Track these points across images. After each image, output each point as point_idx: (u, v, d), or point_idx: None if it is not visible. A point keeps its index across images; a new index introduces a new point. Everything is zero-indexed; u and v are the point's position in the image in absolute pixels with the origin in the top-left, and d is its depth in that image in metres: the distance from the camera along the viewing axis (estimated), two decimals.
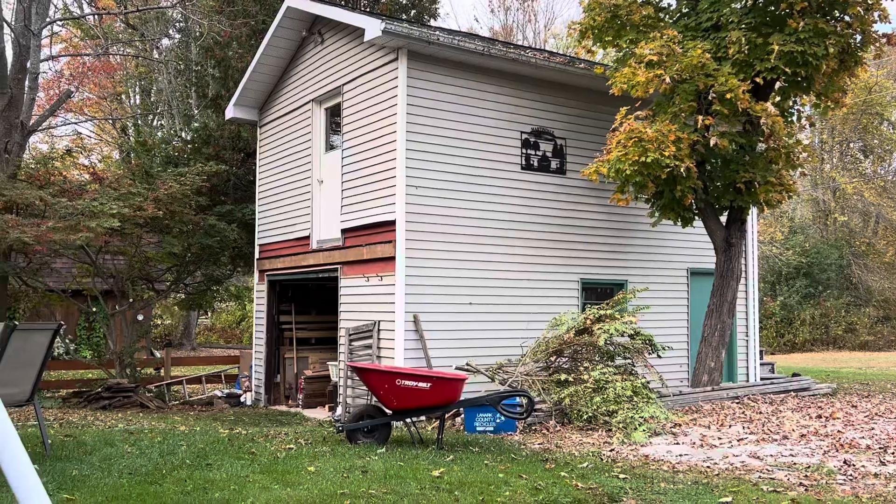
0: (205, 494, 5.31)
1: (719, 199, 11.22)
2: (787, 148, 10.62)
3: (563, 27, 35.71)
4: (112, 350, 14.57)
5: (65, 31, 28.71)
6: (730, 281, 11.44)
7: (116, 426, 9.38)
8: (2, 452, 1.33)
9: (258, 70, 13.50)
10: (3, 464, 1.32)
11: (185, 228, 14.47)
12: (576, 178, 11.78)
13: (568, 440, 8.32)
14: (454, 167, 10.71)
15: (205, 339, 33.73)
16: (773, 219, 33.28)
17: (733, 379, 13.42)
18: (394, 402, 7.55)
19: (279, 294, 13.93)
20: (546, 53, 12.84)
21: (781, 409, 10.19)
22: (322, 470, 6.22)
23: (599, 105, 12.04)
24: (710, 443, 8.04)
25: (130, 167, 16.99)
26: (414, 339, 10.15)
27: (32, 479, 1.32)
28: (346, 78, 11.59)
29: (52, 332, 6.63)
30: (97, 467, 6.19)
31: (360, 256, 10.95)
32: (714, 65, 9.97)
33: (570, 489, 5.77)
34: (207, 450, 7.16)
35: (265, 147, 14.17)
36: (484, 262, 10.88)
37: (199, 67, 19.24)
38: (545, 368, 9.90)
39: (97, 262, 14.31)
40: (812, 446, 7.75)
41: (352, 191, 11.32)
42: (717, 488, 5.96)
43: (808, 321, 31.13)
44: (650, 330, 10.60)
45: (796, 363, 22.52)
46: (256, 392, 13.84)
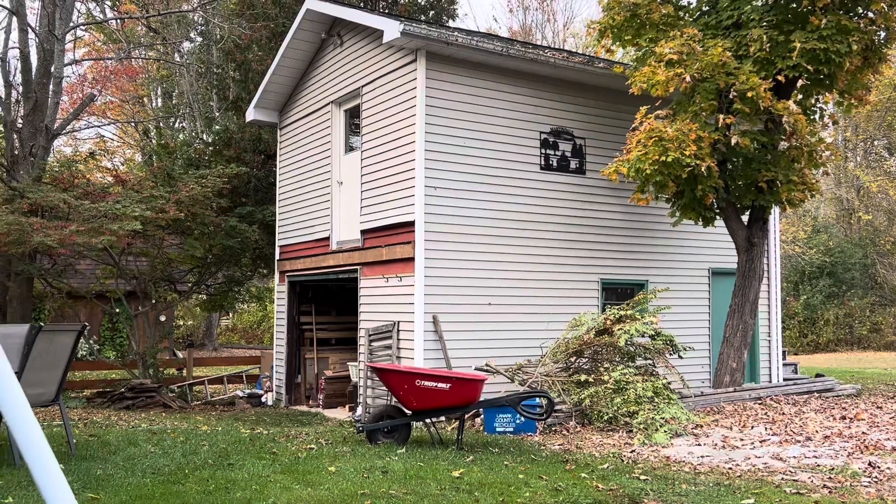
0: (227, 494, 5.36)
1: (741, 198, 11.13)
2: (810, 146, 10.51)
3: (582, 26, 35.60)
4: (135, 351, 14.73)
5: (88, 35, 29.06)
6: (752, 281, 11.34)
7: (140, 426, 9.48)
8: (29, 452, 1.36)
9: (278, 72, 13.59)
10: (30, 464, 1.34)
11: (207, 230, 14.59)
12: (595, 177, 11.74)
13: (588, 441, 8.29)
14: (473, 167, 10.71)
15: (226, 339, 33.99)
16: (796, 218, 32.94)
17: (756, 380, 13.30)
18: (413, 403, 7.56)
19: (300, 295, 14.00)
20: (565, 53, 12.81)
21: (805, 410, 10.09)
22: (342, 470, 6.24)
23: (619, 104, 11.98)
24: (732, 444, 7.98)
25: (153, 169, 17.17)
26: (433, 339, 10.16)
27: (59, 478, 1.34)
28: (365, 80, 11.63)
29: (77, 333, 6.71)
30: (121, 467, 6.26)
31: (380, 257, 10.98)
32: (735, 63, 9.89)
33: (590, 490, 5.75)
34: (229, 450, 7.22)
35: (285, 149, 14.25)
36: (503, 262, 10.86)
37: (220, 70, 19.40)
38: (565, 369, 9.88)
39: (120, 264, 14.47)
40: (836, 448, 7.66)
41: (371, 192, 11.36)
42: (739, 490, 5.92)
43: (832, 321, 30.77)
44: (671, 330, 10.53)
45: (820, 364, 22.28)
46: (277, 392, 13.92)
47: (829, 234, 33.25)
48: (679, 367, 10.49)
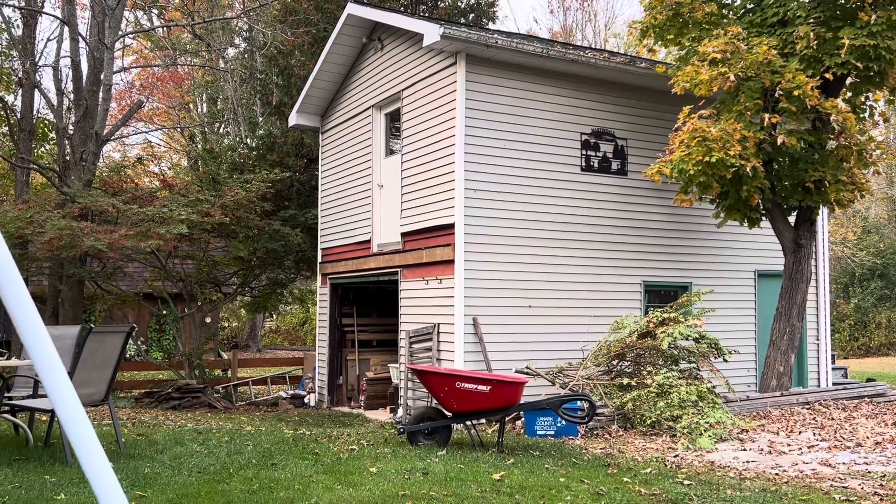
0: (270, 493, 5.44)
1: (787, 198, 10.91)
2: (860, 145, 10.25)
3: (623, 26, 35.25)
4: (181, 352, 15.01)
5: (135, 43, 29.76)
6: (799, 283, 11.10)
7: (186, 426, 9.66)
8: (81, 450, 1.40)
9: (320, 77, 13.74)
10: (82, 461, 1.39)
11: (251, 233, 14.82)
12: (637, 178, 11.62)
13: (631, 445, 8.20)
14: (513, 170, 10.69)
15: (270, 340, 34.44)
16: (846, 219, 32.14)
17: (803, 384, 13.01)
18: (454, 405, 7.58)
19: (341, 297, 14.13)
20: (606, 53, 12.71)
21: (855, 416, 9.84)
22: (384, 471, 6.29)
23: (661, 104, 11.84)
24: (778, 449, 7.82)
25: (198, 174, 17.50)
26: (473, 341, 10.16)
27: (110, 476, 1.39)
28: (405, 83, 11.69)
29: (126, 335, 6.88)
30: (168, 465, 6.39)
31: (420, 259, 11.03)
32: (781, 61, 9.71)
33: (632, 495, 5.70)
34: (273, 450, 7.32)
35: (327, 153, 14.40)
36: (543, 264, 10.82)
37: (263, 76, 19.69)
38: (607, 372, 9.79)
39: (167, 267, 14.77)
40: (888, 454, 7.46)
41: (411, 195, 11.41)
42: (786, 496, 5.80)
43: (884, 324, 29.94)
44: (716, 333, 10.36)
45: (871, 368, 21.69)
46: (319, 393, 14.06)
47: (880, 234, 32.37)
48: (724, 371, 10.32)
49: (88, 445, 1.37)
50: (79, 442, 1.39)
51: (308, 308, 32.69)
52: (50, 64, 21.06)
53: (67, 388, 1.40)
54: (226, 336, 30.64)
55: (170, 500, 5.19)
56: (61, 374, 1.40)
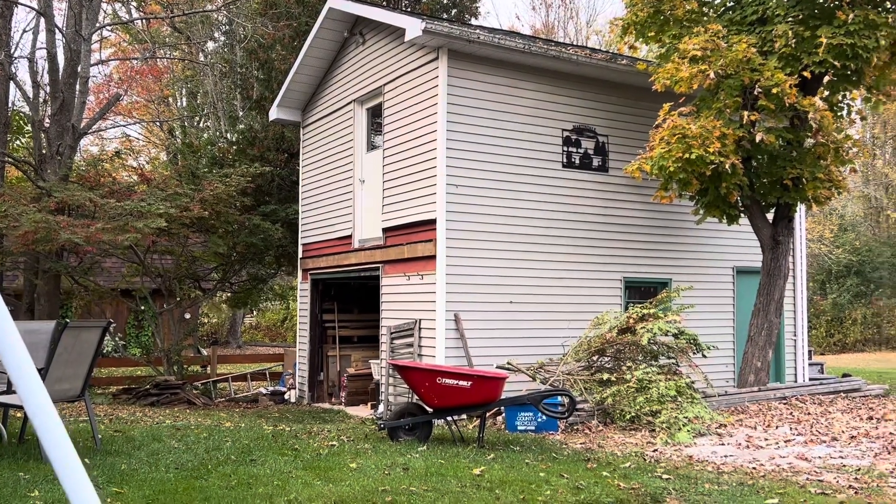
0: (248, 489, 5.40)
1: (766, 195, 11.00)
2: (837, 143, 10.36)
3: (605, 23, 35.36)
4: (160, 348, 14.89)
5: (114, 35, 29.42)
6: (777, 279, 11.21)
7: (164, 422, 9.58)
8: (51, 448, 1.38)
9: (301, 71, 13.66)
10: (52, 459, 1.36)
11: (231, 228, 14.71)
12: (618, 175, 11.67)
13: (610, 440, 8.25)
14: (495, 165, 10.70)
15: (250, 337, 34.25)
16: (823, 216, 32.50)
17: (781, 379, 13.15)
18: (435, 401, 7.57)
19: (322, 293, 14.07)
20: (588, 50, 12.74)
21: (831, 411, 9.96)
22: (364, 467, 6.27)
23: (642, 101, 11.90)
24: (756, 444, 7.89)
25: (177, 168, 17.36)
26: (455, 337, 10.16)
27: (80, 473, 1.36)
28: (387, 78, 11.65)
29: (102, 330, 6.80)
30: (145, 462, 6.34)
31: (402, 255, 11.01)
32: (760, 59, 9.78)
33: (612, 489, 5.72)
34: (252, 446, 7.28)
35: (308, 147, 14.33)
36: (525, 260, 10.84)
37: (244, 70, 19.54)
38: (587, 368, 9.83)
39: (145, 262, 14.64)
40: (863, 448, 7.55)
41: (393, 190, 11.38)
42: (762, 490, 5.86)
43: (860, 321, 30.34)
44: (695, 329, 10.44)
45: (847, 363, 21.97)
46: (300, 389, 14.01)
47: (856, 232, 32.79)
48: (703, 367, 10.39)
49: (59, 443, 1.35)
50: (49, 440, 1.36)
51: (289, 304, 32.56)
52: (26, 56, 20.74)
53: (38, 386, 1.38)
54: (205, 332, 30.42)
55: (147, 497, 5.14)
56: (30, 372, 1.38)
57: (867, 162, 33.37)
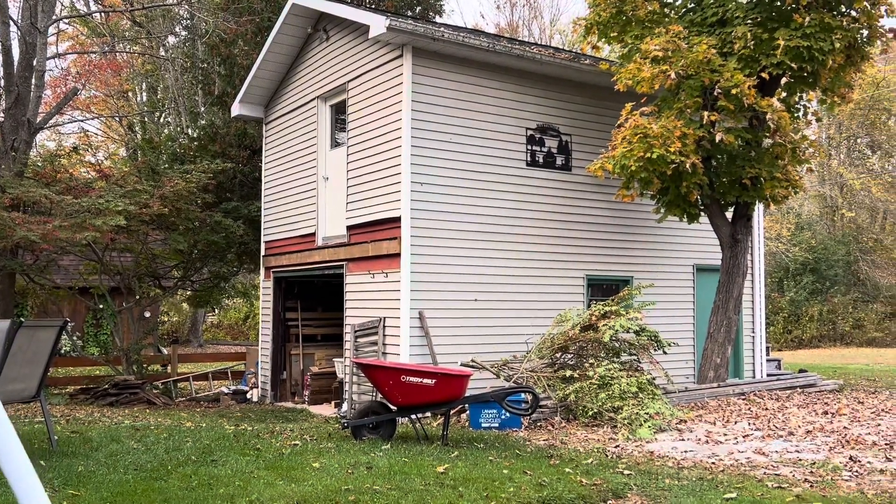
0: (209, 490, 5.34)
1: (725, 195, 11.19)
2: (794, 143, 10.58)
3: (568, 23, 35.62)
4: (119, 347, 14.63)
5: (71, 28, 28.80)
6: (736, 277, 11.41)
7: (123, 422, 9.42)
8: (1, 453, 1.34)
9: (263, 67, 13.52)
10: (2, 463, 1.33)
11: (192, 225, 14.51)
12: (581, 174, 11.77)
13: (573, 436, 8.32)
14: (459, 164, 10.71)
15: (212, 335, 33.84)
16: (780, 215, 33.16)
17: (739, 375, 13.39)
18: (399, 399, 7.56)
19: (285, 291, 13.95)
20: (551, 49, 12.81)
21: (787, 406, 10.17)
22: (327, 466, 6.23)
23: (605, 101, 12.01)
24: (715, 439, 8.03)
25: (137, 165, 17.04)
26: (419, 335, 10.16)
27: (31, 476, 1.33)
28: (351, 75, 11.59)
29: (58, 329, 6.66)
30: (103, 463, 6.22)
31: (366, 253, 10.96)
32: (720, 60, 9.93)
33: (574, 485, 5.77)
34: (213, 446, 7.19)
35: (271, 144, 14.19)
36: (489, 258, 10.87)
37: (206, 65, 19.27)
38: (550, 365, 9.90)
39: (104, 260, 14.36)
40: (818, 442, 7.73)
41: (357, 187, 11.33)
42: (721, 484, 5.96)
43: (816, 317, 31.02)
44: (656, 326, 10.58)
45: (803, 359, 22.46)
46: (263, 388, 13.87)
47: (812, 231, 33.51)
48: (663, 363, 10.53)
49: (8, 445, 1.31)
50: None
51: (251, 302, 32.22)
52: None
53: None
54: (166, 331, 29.97)
55: (104, 499, 5.05)
56: None
57: (823, 162, 34.13)
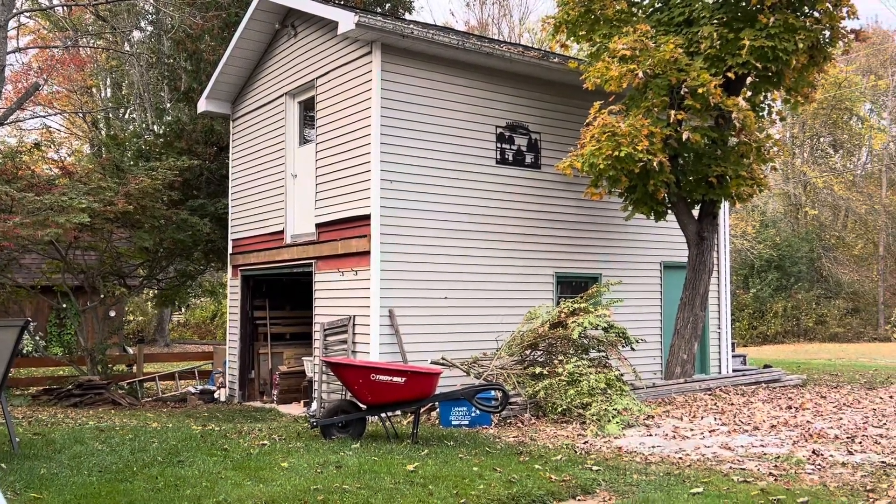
0: (176, 491, 5.27)
1: (692, 192, 11.32)
2: (758, 142, 10.73)
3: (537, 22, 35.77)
4: (83, 347, 14.38)
5: (32, 22, 28.22)
6: (702, 274, 11.55)
7: (87, 424, 9.26)
8: None
9: (231, 63, 13.37)
10: None
11: (157, 223, 14.30)
12: (550, 172, 11.82)
13: (542, 433, 8.36)
14: (429, 161, 10.69)
15: (178, 335, 33.43)
16: (745, 213, 33.68)
17: (706, 371, 13.57)
18: (368, 397, 7.53)
19: (253, 289, 13.83)
20: (520, 48, 12.85)
21: (752, 401, 10.32)
22: (296, 466, 6.19)
23: (574, 99, 12.08)
24: (682, 434, 8.12)
25: (101, 161, 16.73)
26: (389, 333, 10.13)
27: None
28: (319, 71, 11.51)
29: (20, 329, 6.52)
30: (66, 465, 6.11)
31: (335, 251, 10.90)
32: (686, 60, 10.04)
33: (543, 482, 5.80)
34: (179, 447, 7.10)
35: (238, 141, 14.04)
36: (459, 256, 10.88)
37: (171, 60, 19.01)
38: (520, 362, 9.94)
39: (67, 258, 14.10)
40: (782, 437, 7.86)
41: (326, 185, 11.26)
42: (688, 479, 6.03)
43: (780, 313, 31.56)
44: (624, 323, 10.67)
45: (768, 355, 22.84)
46: (230, 388, 13.74)
47: (776, 228, 34.08)
48: (631, 359, 10.63)
49: None
50: None
51: (219, 301, 31.89)
52: None
53: None
54: (131, 330, 29.54)
55: (67, 502, 4.96)
56: None
57: (787, 161, 34.73)
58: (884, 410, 9.44)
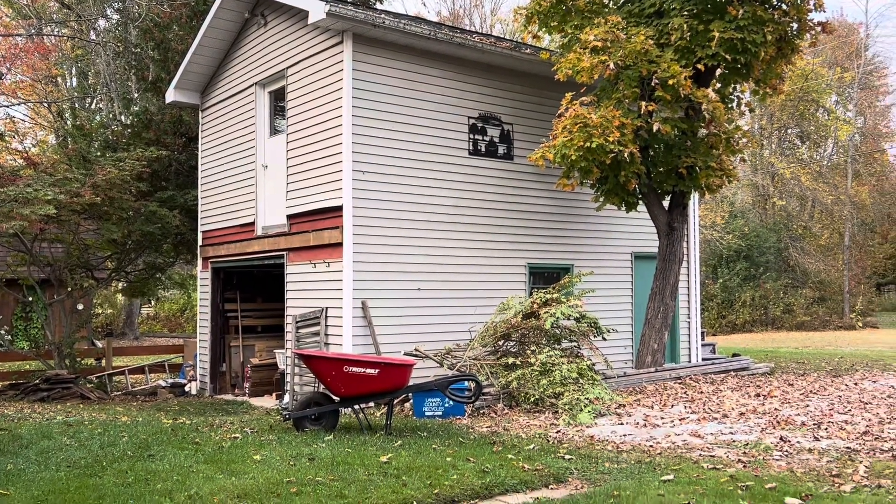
0: (146, 486, 5.21)
1: (662, 183, 11.41)
2: (728, 133, 10.85)
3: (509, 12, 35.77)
4: (50, 340, 14.16)
5: None
6: (672, 264, 11.67)
7: (55, 418, 9.12)
8: None
9: (199, 52, 13.18)
10: None
11: (125, 215, 14.09)
12: (523, 163, 11.84)
13: (515, 423, 8.40)
14: (401, 152, 10.65)
15: (148, 328, 33.03)
16: (714, 203, 34.06)
17: (676, 360, 13.73)
18: (341, 389, 7.51)
19: (224, 282, 13.70)
20: (492, 38, 12.84)
21: (722, 389, 10.47)
22: (268, 458, 6.15)
23: (546, 90, 12.10)
24: (653, 423, 8.21)
25: (67, 152, 16.44)
26: (362, 325, 10.10)
27: None
28: (290, 61, 11.40)
29: None
30: (33, 461, 6.02)
31: (307, 243, 10.83)
32: (657, 51, 10.10)
33: (516, 471, 5.83)
34: (150, 441, 7.02)
35: (208, 131, 13.87)
36: (432, 247, 10.87)
37: (139, 50, 18.69)
38: (493, 353, 9.97)
39: (33, 250, 13.86)
40: (750, 424, 7.98)
41: (297, 176, 11.17)
42: (659, 467, 6.10)
43: (748, 303, 32.01)
44: (595, 313, 10.75)
45: (736, 344, 23.18)
46: (202, 381, 13.62)
47: (745, 219, 34.53)
48: (603, 349, 10.72)
49: None
50: None
51: (189, 294, 31.56)
52: None
53: None
54: (100, 324, 29.12)
55: (35, 498, 4.88)
56: None
57: (755, 152, 35.17)
58: (849, 397, 9.62)
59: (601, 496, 5.12)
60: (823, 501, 4.91)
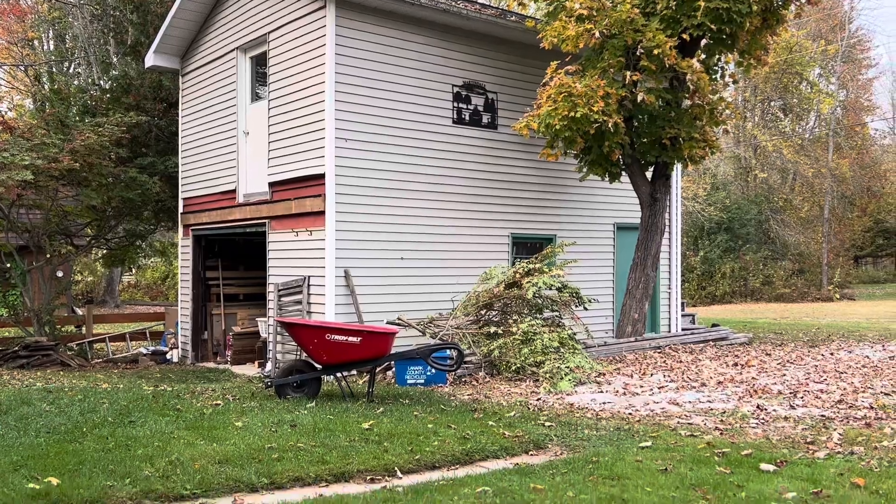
0: (127, 451, 5.21)
1: (645, 154, 11.42)
2: (711, 105, 10.85)
3: None
4: (29, 307, 14.03)
5: None
6: (654, 235, 11.72)
7: (34, 385, 9.08)
8: None
9: (179, 16, 12.94)
10: None
11: (105, 181, 13.91)
12: (507, 132, 11.79)
13: (496, 391, 8.47)
14: (385, 119, 10.57)
15: (129, 296, 32.84)
16: (697, 175, 34.18)
17: (656, 330, 13.86)
18: (324, 357, 7.52)
19: (205, 249, 13.61)
20: (477, 5, 12.69)
21: (700, 358, 10.59)
22: (250, 425, 6.17)
23: (531, 59, 12.01)
24: (632, 391, 8.31)
25: (44, 117, 16.15)
26: (345, 294, 10.09)
27: None
28: (272, 25, 11.23)
29: None
30: (12, 427, 5.99)
31: (289, 211, 10.76)
32: (643, 20, 10.04)
33: (497, 438, 5.89)
34: (131, 407, 7.01)
35: (188, 97, 13.67)
36: (415, 216, 10.84)
37: (117, 12, 18.31)
38: (475, 322, 10.01)
39: (10, 217, 13.67)
40: (728, 392, 8.09)
41: (279, 143, 11.06)
42: (637, 434, 6.18)
43: (728, 274, 32.30)
44: (577, 283, 10.81)
45: (716, 314, 23.43)
46: (183, 349, 13.58)
47: (727, 191, 34.70)
48: (584, 319, 10.80)
49: None
50: None
51: (170, 261, 31.33)
52: None
53: None
54: (80, 291, 28.90)
55: (15, 463, 4.87)
56: None
57: (738, 124, 35.24)
58: (824, 367, 9.78)
59: (580, 462, 5.18)
60: (798, 467, 5.01)
